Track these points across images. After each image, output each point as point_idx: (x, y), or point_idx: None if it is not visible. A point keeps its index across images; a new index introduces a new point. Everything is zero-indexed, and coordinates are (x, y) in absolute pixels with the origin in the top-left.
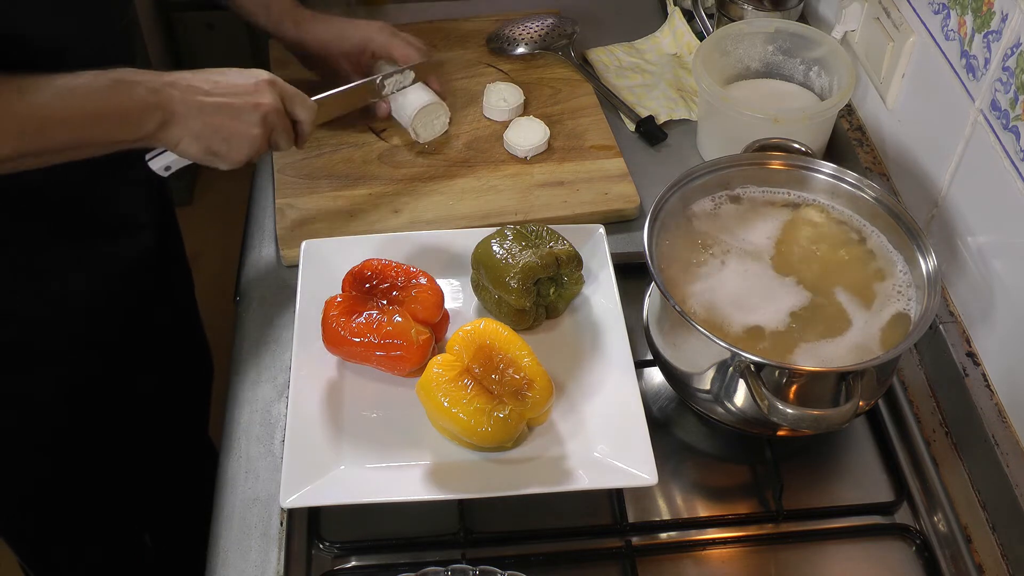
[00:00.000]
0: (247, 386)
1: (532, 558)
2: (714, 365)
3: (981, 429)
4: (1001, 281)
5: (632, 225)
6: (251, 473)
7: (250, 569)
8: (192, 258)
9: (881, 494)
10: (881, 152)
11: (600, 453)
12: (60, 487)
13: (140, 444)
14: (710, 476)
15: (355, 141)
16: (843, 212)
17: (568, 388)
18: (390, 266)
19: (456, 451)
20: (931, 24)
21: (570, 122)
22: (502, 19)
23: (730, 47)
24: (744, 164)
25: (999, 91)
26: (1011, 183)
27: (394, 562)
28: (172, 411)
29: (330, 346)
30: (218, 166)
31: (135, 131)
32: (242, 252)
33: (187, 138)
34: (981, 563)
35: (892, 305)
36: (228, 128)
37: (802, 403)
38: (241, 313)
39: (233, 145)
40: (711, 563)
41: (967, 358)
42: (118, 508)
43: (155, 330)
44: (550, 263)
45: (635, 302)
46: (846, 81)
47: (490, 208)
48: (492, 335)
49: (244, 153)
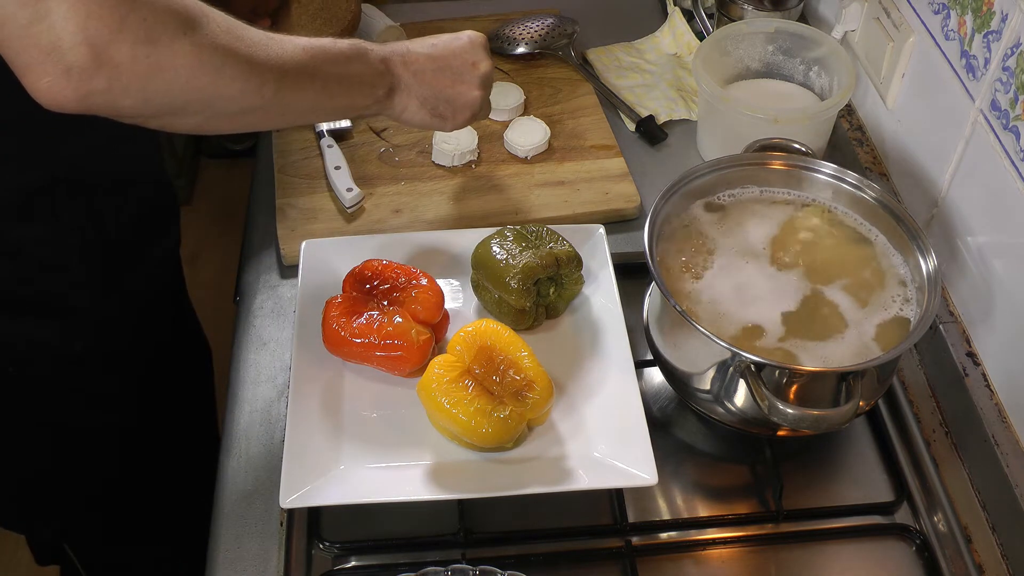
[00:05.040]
0: (247, 386)
1: (532, 558)
2: (714, 365)
3: (981, 429)
4: (1001, 281)
5: (632, 225)
6: (251, 473)
7: (250, 569)
8: (192, 258)
9: (881, 494)
10: (881, 152)
11: (600, 453)
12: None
13: (169, 444)
14: (710, 476)
15: (355, 141)
16: (843, 212)
17: (568, 388)
18: (390, 266)
19: (456, 451)
20: (931, 24)
21: (570, 122)
22: (502, 19)
23: (730, 47)
24: (744, 164)
25: (999, 91)
26: (1011, 183)
27: (394, 562)
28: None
29: (330, 346)
30: (443, 129)
31: (368, 96)
32: (242, 252)
33: (413, 104)
34: (981, 563)
35: (892, 305)
36: (451, 91)
37: (802, 403)
38: (241, 313)
39: (457, 107)
40: (711, 563)
41: (967, 358)
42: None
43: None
44: (550, 263)
45: (635, 302)
46: (846, 81)
47: (490, 208)
48: (493, 336)
49: (467, 115)
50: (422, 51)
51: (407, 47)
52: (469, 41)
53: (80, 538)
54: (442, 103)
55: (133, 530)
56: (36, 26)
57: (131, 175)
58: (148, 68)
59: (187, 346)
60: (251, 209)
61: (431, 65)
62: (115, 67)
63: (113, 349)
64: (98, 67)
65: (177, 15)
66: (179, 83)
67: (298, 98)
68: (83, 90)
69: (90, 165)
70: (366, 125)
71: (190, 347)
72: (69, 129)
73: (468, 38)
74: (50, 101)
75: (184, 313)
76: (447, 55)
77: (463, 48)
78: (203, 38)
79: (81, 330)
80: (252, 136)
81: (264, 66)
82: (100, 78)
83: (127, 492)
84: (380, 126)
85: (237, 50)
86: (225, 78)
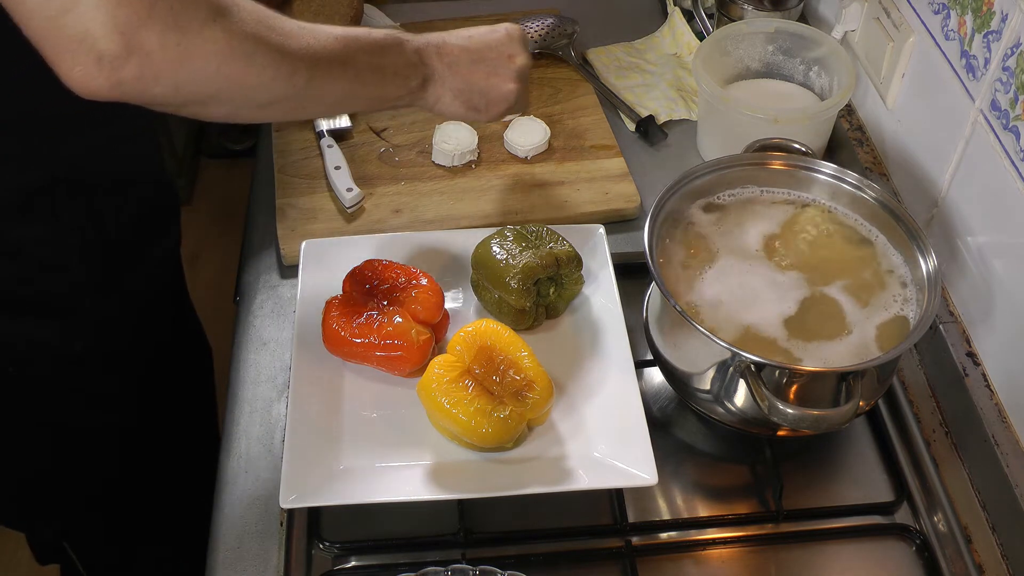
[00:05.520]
0: (247, 386)
1: (532, 558)
2: (714, 365)
3: (981, 429)
4: (1001, 281)
5: (632, 225)
6: (251, 473)
7: (250, 569)
8: (192, 258)
9: (881, 494)
10: (881, 152)
11: (600, 453)
12: (126, 487)
13: (169, 444)
14: (710, 476)
15: (355, 141)
16: (843, 212)
17: (568, 388)
18: (390, 266)
19: (456, 451)
20: (931, 24)
21: (570, 122)
22: (502, 19)
23: (730, 47)
24: (744, 164)
25: (999, 91)
26: (1011, 183)
27: (394, 562)
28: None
29: (330, 346)
30: (477, 120)
31: (402, 86)
32: (242, 252)
33: (447, 96)
34: (981, 563)
35: (892, 305)
36: (485, 83)
37: (802, 403)
38: (241, 313)
39: (491, 99)
40: (711, 563)
41: (967, 358)
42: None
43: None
44: (550, 263)
45: (635, 302)
46: (846, 81)
47: (490, 208)
48: (493, 336)
49: (502, 107)
50: (457, 43)
51: (443, 38)
52: (506, 33)
53: (81, 538)
54: (476, 95)
55: (133, 530)
56: (66, 16)
57: (131, 175)
58: (178, 55)
59: (187, 346)
60: (251, 209)
61: (466, 57)
62: (145, 54)
63: (113, 349)
64: (128, 55)
65: (206, 2)
66: (210, 71)
67: (331, 87)
68: (115, 78)
69: (90, 165)
70: (366, 125)
71: (190, 347)
72: (69, 129)
73: (506, 30)
74: (83, 89)
75: (184, 313)
76: (483, 47)
77: (499, 40)
78: (233, 25)
79: (81, 330)
80: (252, 136)
81: (296, 55)
82: (131, 66)
83: (127, 492)
84: (380, 126)
85: (268, 38)
86: (256, 66)
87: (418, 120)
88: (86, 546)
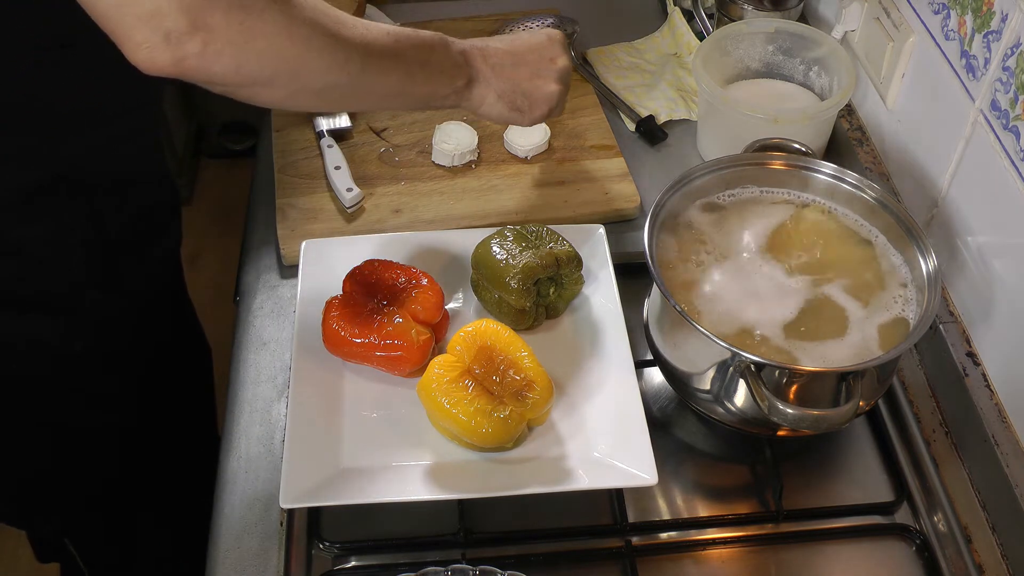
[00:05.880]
0: (247, 386)
1: (532, 558)
2: (714, 365)
3: (981, 429)
4: (1001, 281)
5: (632, 225)
6: (251, 473)
7: (250, 569)
8: (192, 258)
9: (881, 494)
10: (881, 152)
11: (600, 453)
12: (126, 487)
13: (169, 444)
14: (710, 476)
15: (355, 141)
16: (843, 212)
17: (568, 388)
18: (390, 266)
19: (456, 451)
20: (931, 24)
21: (570, 122)
22: (502, 19)
23: (730, 47)
24: (744, 164)
25: (999, 91)
26: (1011, 183)
27: (394, 562)
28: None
29: (330, 346)
30: (519, 123)
31: (448, 85)
32: (242, 252)
33: (491, 97)
34: (981, 563)
35: (892, 305)
36: (528, 85)
37: (802, 403)
38: (241, 313)
39: (534, 100)
40: (711, 563)
41: (967, 358)
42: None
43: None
44: (550, 263)
45: (635, 302)
46: (846, 81)
47: (490, 208)
48: (493, 336)
49: (544, 109)
50: (500, 46)
51: (485, 42)
52: (547, 37)
53: (81, 537)
54: (519, 97)
55: (133, 529)
56: None
57: (132, 175)
58: (241, 33)
59: (187, 346)
60: (251, 209)
61: (509, 60)
62: (209, 31)
63: (113, 349)
64: (194, 31)
65: None
66: (270, 51)
67: (382, 80)
68: (179, 54)
69: (91, 165)
70: (366, 125)
71: (190, 347)
72: (70, 129)
73: (547, 35)
74: (149, 65)
75: (184, 313)
76: (525, 50)
77: (541, 44)
78: (292, 9)
79: (81, 330)
80: (252, 136)
81: (350, 43)
82: (195, 42)
83: (127, 492)
84: (380, 126)
85: (324, 24)
86: (313, 50)
87: (418, 120)
88: (86, 545)
